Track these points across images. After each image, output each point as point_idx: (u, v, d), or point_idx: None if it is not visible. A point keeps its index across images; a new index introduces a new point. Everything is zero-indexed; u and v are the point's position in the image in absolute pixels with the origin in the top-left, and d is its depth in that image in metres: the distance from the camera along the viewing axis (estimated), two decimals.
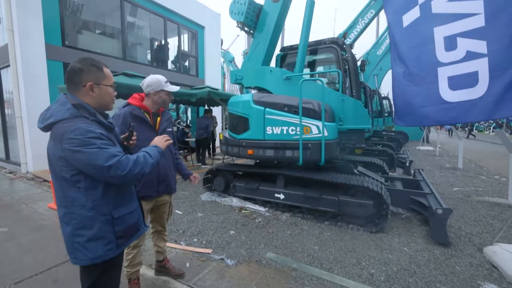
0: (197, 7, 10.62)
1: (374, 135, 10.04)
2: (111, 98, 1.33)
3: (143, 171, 1.24)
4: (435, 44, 2.28)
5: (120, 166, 1.15)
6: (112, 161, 1.14)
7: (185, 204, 4.33)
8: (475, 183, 5.80)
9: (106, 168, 1.13)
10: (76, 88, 1.23)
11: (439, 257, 2.68)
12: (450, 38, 2.19)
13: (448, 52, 2.24)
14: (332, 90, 4.05)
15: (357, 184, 3.36)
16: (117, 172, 1.15)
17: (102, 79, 1.27)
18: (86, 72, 1.22)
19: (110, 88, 1.31)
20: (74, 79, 1.22)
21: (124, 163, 1.17)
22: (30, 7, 5.90)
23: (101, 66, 1.27)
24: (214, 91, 6.87)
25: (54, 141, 1.15)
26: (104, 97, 1.29)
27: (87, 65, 1.23)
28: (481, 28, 2.06)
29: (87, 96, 1.24)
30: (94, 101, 1.26)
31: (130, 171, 1.18)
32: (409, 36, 2.47)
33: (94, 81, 1.24)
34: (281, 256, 2.71)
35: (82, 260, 1.21)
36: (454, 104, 2.30)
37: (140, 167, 1.23)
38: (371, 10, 8.33)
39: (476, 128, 29.82)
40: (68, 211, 1.19)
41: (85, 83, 1.22)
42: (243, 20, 4.32)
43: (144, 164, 1.26)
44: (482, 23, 2.04)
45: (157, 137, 1.53)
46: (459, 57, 2.17)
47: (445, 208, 2.92)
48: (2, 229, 3.36)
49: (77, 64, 1.22)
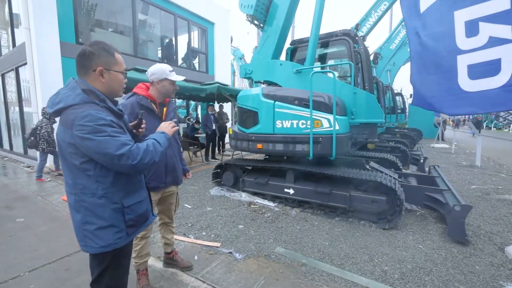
0: (206, 3, 10.62)
1: (387, 132, 9.77)
2: (121, 85, 1.30)
3: (153, 159, 1.23)
4: (455, 30, 2.15)
5: (131, 155, 1.14)
6: (123, 150, 1.12)
7: (194, 198, 4.34)
8: (494, 181, 5.53)
9: (117, 157, 1.11)
10: (86, 72, 1.21)
11: (457, 256, 2.56)
12: (471, 23, 2.06)
13: (469, 39, 2.10)
14: (344, 83, 3.93)
15: (370, 179, 3.26)
16: (128, 161, 1.13)
17: (113, 65, 1.24)
18: (97, 56, 1.20)
19: (120, 75, 1.28)
20: (84, 62, 1.20)
21: (135, 152, 1.15)
22: (45, 7, 6.04)
23: (112, 51, 1.24)
24: (224, 86, 6.85)
25: (64, 127, 1.13)
26: (114, 83, 1.26)
27: (98, 49, 1.20)
28: (506, 12, 1.91)
29: (96, 81, 1.22)
30: (104, 87, 1.24)
31: (140, 160, 1.16)
32: (427, 22, 2.33)
33: (105, 66, 1.21)
34: (291, 251, 2.66)
35: (93, 248, 1.20)
36: (473, 94, 2.16)
37: (151, 156, 1.21)
38: (384, 2, 8.06)
39: (494, 125, 28.57)
40: (78, 199, 1.18)
41: (95, 68, 1.20)
42: (252, 13, 4.26)
43: (154, 152, 1.24)
44: (508, 6, 1.90)
45: (163, 123, 1.51)
46: (480, 43, 2.03)
47: (464, 205, 2.78)
48: (19, 219, 3.47)
49: (88, 48, 1.20)
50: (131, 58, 7.87)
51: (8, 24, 7.77)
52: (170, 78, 1.89)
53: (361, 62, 4.02)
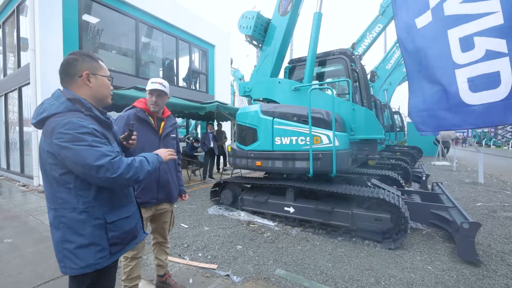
0: (207, 26, 11.06)
1: (386, 150, 9.74)
2: (108, 90, 1.27)
3: (136, 177, 1.13)
4: (450, 47, 2.18)
5: (111, 167, 1.05)
6: (102, 161, 1.03)
7: (191, 217, 4.19)
8: (500, 198, 5.39)
9: (95, 168, 1.02)
10: (72, 80, 1.18)
11: (470, 278, 2.40)
12: (466, 38, 2.09)
13: (465, 53, 2.12)
14: (342, 100, 3.96)
15: (372, 196, 3.16)
16: (107, 174, 1.04)
17: (99, 69, 1.23)
18: (81, 62, 1.18)
19: (106, 79, 1.26)
20: (69, 70, 1.17)
21: (116, 164, 1.07)
22: (52, 29, 6.27)
23: (95, 57, 1.24)
24: (223, 105, 6.92)
25: (44, 136, 1.08)
26: (102, 88, 1.24)
27: (81, 55, 1.19)
28: (500, 26, 1.94)
29: (83, 87, 1.19)
30: (92, 93, 1.20)
31: (121, 174, 1.07)
32: (423, 42, 2.38)
33: (91, 71, 1.19)
34: (292, 273, 2.50)
35: (72, 269, 1.09)
36: (476, 107, 2.13)
37: (134, 172, 1.12)
38: (378, 24, 8.40)
39: (493, 143, 28.64)
40: (58, 214, 1.09)
41: (81, 73, 1.17)
42: (251, 33, 4.40)
43: (139, 169, 1.14)
44: (501, 21, 1.93)
45: (162, 149, 1.43)
46: (478, 56, 2.05)
47: (472, 222, 2.66)
48: (6, 240, 3.31)
49: (71, 56, 1.18)
50: (133, 78, 8.03)
51: (15, 48, 8.02)
52: (147, 88, 1.88)
53: (358, 80, 4.08)
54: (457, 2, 2.22)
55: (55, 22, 6.31)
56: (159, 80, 1.89)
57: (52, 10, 6.25)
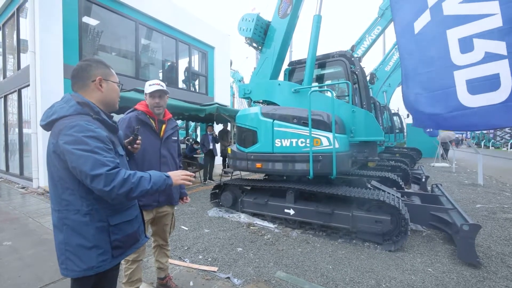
0: (207, 28, 11.10)
1: (386, 151, 9.75)
2: (118, 95, 1.32)
3: (130, 194, 1.07)
4: (449, 47, 2.18)
5: (106, 179, 1.02)
6: (100, 171, 1.01)
7: (191, 220, 4.18)
8: (499, 199, 5.41)
9: (90, 177, 1.01)
10: (84, 84, 1.22)
11: (470, 280, 2.40)
12: (465, 40, 2.09)
13: (464, 54, 2.12)
14: (342, 102, 3.97)
15: (372, 198, 3.16)
16: (99, 185, 1.01)
17: (110, 76, 1.28)
18: (95, 67, 1.23)
19: (116, 86, 1.31)
20: (82, 74, 1.22)
21: (111, 177, 1.03)
22: (52, 31, 6.28)
23: (107, 64, 1.29)
24: (223, 107, 6.93)
25: (52, 137, 1.10)
26: (112, 93, 1.28)
27: (95, 62, 1.25)
28: (499, 29, 1.96)
29: (95, 92, 1.22)
30: (102, 98, 1.24)
31: (113, 188, 1.02)
32: (421, 42, 2.39)
33: (103, 76, 1.24)
34: (292, 276, 2.50)
35: (73, 272, 1.10)
36: (475, 110, 2.13)
37: (128, 188, 1.06)
38: (377, 27, 8.44)
39: (492, 144, 28.70)
40: (62, 216, 1.10)
41: (94, 78, 1.22)
42: (251, 36, 4.42)
43: (135, 186, 1.08)
44: (500, 23, 1.95)
45: (178, 171, 1.32)
46: (477, 58, 2.05)
47: (472, 224, 2.66)
48: (6, 242, 3.30)
49: (85, 62, 1.24)
50: (132, 80, 8.04)
51: (15, 49, 8.03)
52: (146, 92, 1.89)
53: (358, 82, 4.10)
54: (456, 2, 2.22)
55: (55, 24, 6.32)
56: (156, 81, 1.91)
57: (52, 12, 6.27)
